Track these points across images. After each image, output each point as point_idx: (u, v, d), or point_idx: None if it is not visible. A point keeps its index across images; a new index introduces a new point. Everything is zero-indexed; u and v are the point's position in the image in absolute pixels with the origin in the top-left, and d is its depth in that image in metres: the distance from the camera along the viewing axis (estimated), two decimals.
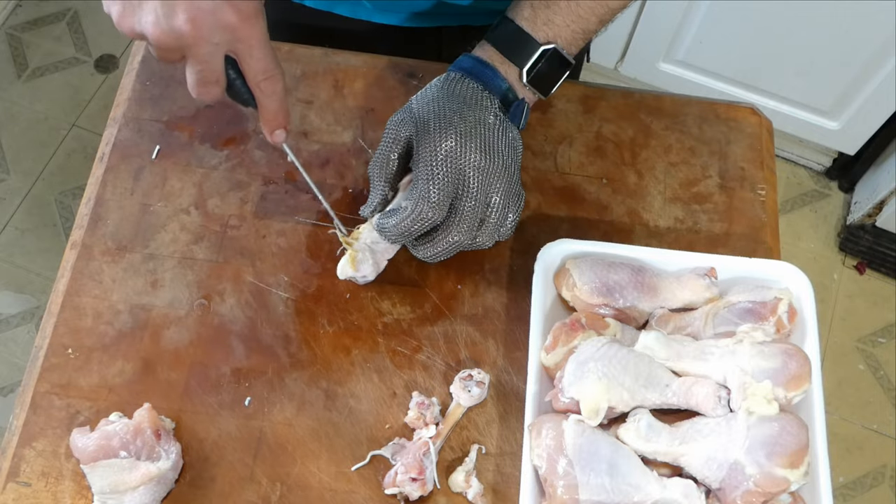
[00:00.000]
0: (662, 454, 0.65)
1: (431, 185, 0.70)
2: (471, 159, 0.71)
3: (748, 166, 0.86)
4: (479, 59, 0.75)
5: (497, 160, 0.72)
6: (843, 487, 1.68)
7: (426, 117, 0.72)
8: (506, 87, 0.75)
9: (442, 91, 0.74)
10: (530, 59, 0.75)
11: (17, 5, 2.13)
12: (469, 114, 0.72)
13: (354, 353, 0.76)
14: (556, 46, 0.74)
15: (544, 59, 0.75)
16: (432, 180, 0.70)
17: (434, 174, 0.70)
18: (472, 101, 0.73)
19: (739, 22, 1.65)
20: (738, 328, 0.69)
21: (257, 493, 0.70)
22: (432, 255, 0.74)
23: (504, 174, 0.72)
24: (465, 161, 0.71)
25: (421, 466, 0.68)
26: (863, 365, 1.80)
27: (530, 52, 0.74)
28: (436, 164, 0.70)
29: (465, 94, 0.74)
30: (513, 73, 0.76)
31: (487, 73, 0.75)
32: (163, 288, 0.78)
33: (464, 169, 0.71)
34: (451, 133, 0.71)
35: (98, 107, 2.02)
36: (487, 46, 0.76)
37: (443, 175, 0.70)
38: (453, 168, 0.70)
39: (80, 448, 0.67)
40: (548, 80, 0.77)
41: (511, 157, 0.73)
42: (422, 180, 0.70)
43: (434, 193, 0.70)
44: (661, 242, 0.81)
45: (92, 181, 0.83)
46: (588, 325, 0.70)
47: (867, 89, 1.67)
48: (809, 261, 1.90)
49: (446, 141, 0.71)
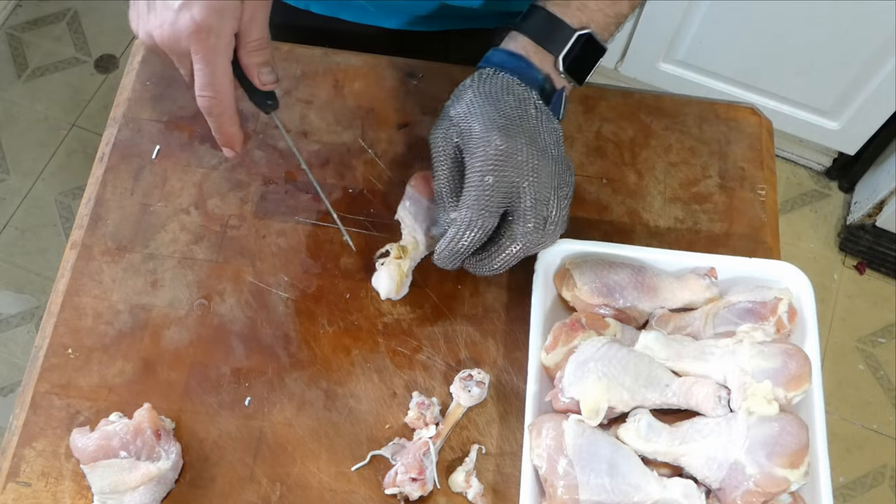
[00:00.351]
0: (662, 454, 0.65)
1: (479, 191, 0.67)
2: (520, 158, 0.67)
3: (748, 166, 0.86)
4: (511, 52, 0.72)
5: (546, 155, 0.69)
6: (843, 487, 1.68)
7: (467, 121, 0.69)
8: (542, 77, 0.72)
9: (477, 91, 0.70)
10: (566, 46, 0.71)
11: (17, 5, 2.13)
12: (509, 110, 0.69)
13: (354, 353, 0.76)
14: (591, 31, 0.72)
15: (579, 45, 0.72)
16: (480, 187, 0.67)
17: (483, 180, 0.67)
18: (510, 96, 0.70)
19: (739, 22, 1.65)
20: (738, 328, 0.69)
21: (257, 493, 0.70)
22: (491, 269, 0.70)
23: (555, 168, 0.69)
24: (515, 161, 0.67)
25: (421, 466, 0.68)
26: (863, 365, 1.80)
27: (565, 38, 0.71)
28: (485, 168, 0.67)
29: (502, 90, 0.70)
30: (548, 61, 0.72)
31: (521, 65, 0.71)
32: (163, 288, 0.78)
33: (516, 169, 0.67)
34: (495, 133, 0.67)
35: (98, 107, 2.02)
36: (519, 37, 0.73)
37: (493, 180, 0.67)
38: (504, 170, 0.67)
39: (80, 448, 0.67)
40: (583, 67, 0.73)
41: (557, 150, 0.70)
42: (471, 188, 0.67)
43: (483, 200, 0.67)
44: (661, 242, 0.81)
45: (92, 181, 0.83)
46: (588, 325, 0.70)
47: (867, 89, 1.67)
48: (809, 261, 1.90)
49: (493, 142, 0.67)
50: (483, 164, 0.67)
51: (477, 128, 0.68)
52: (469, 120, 0.69)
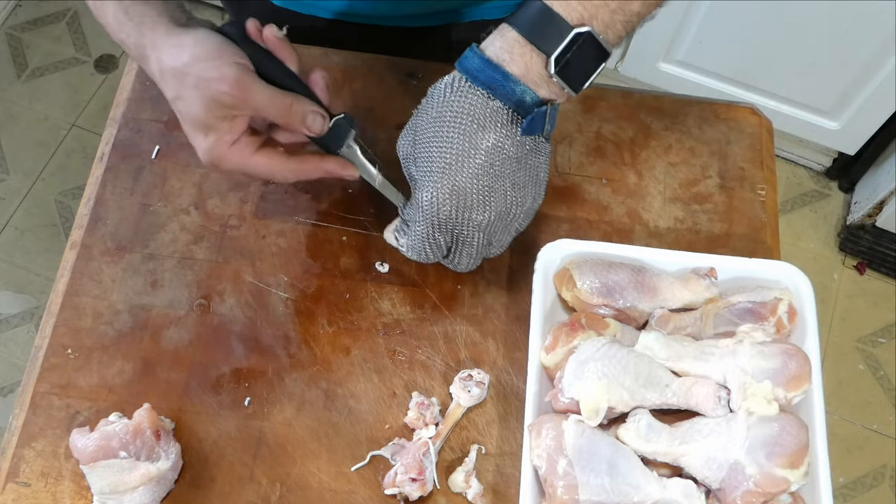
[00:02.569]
0: (662, 454, 0.65)
1: (422, 238, 0.69)
2: (467, 217, 0.67)
3: (748, 166, 0.86)
4: (487, 60, 0.63)
5: (497, 205, 0.67)
6: (843, 487, 1.68)
7: (423, 148, 0.66)
8: (520, 91, 0.63)
9: (443, 109, 0.65)
10: (560, 45, 0.62)
11: (17, 5, 2.14)
12: (469, 146, 0.64)
13: (354, 353, 0.75)
14: (591, 30, 0.62)
15: (577, 46, 0.62)
16: (422, 225, 0.68)
17: (425, 230, 0.68)
18: (476, 122, 0.64)
19: (739, 22, 1.65)
20: (738, 328, 0.69)
21: (257, 493, 0.70)
22: (459, 269, 0.74)
23: (506, 201, 0.67)
24: (459, 218, 0.67)
25: (421, 467, 0.68)
26: (863, 365, 1.80)
27: (560, 35, 0.62)
28: (426, 217, 0.67)
29: (470, 111, 0.64)
30: (536, 63, 0.63)
31: (496, 78, 0.63)
32: (162, 288, 0.78)
33: (459, 224, 0.68)
34: (442, 184, 0.65)
35: (98, 107, 2.02)
36: (507, 31, 0.63)
37: (429, 227, 0.68)
38: (446, 222, 0.67)
39: (80, 448, 0.67)
40: (580, 72, 0.63)
41: (517, 176, 0.66)
42: (417, 223, 0.69)
43: (426, 246, 0.70)
44: (661, 242, 0.81)
45: (92, 181, 0.83)
46: (588, 325, 0.70)
47: (867, 89, 1.67)
48: (809, 261, 1.90)
49: (432, 194, 0.66)
50: (423, 210, 0.67)
51: (425, 166, 0.66)
52: (426, 148, 0.66)
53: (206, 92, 0.64)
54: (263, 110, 0.67)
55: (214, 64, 0.64)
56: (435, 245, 0.70)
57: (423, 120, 0.66)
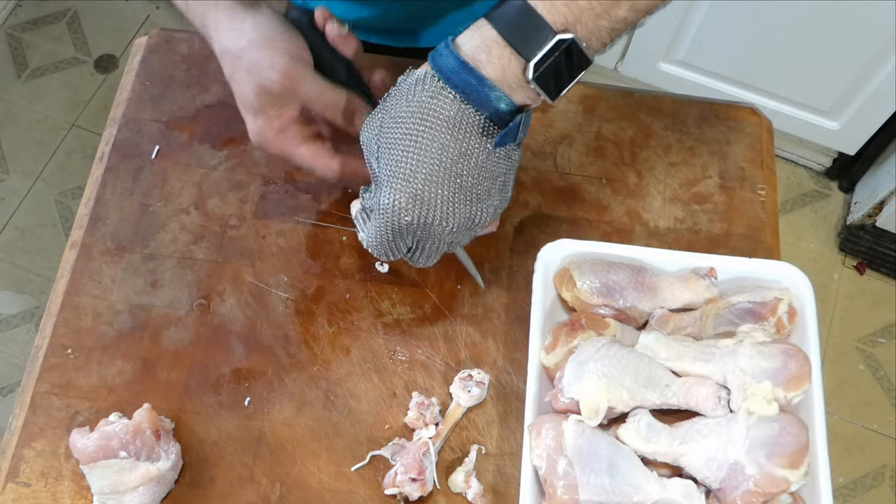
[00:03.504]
0: (662, 454, 0.65)
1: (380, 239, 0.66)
2: (429, 225, 0.63)
3: (748, 166, 0.86)
4: (463, 63, 0.59)
5: (463, 206, 0.63)
6: (843, 487, 1.68)
7: (387, 146, 0.62)
8: (495, 98, 0.60)
9: (412, 107, 0.61)
10: (541, 50, 0.58)
11: (17, 5, 2.14)
12: (437, 152, 0.61)
13: (354, 353, 0.75)
14: (575, 38, 0.58)
15: (558, 52, 0.58)
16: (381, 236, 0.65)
17: (384, 233, 0.65)
18: (448, 126, 0.60)
19: (739, 22, 1.65)
20: (738, 328, 0.69)
21: (257, 493, 0.70)
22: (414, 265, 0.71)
23: (474, 223, 0.65)
24: (420, 225, 0.64)
25: (421, 467, 0.68)
26: (863, 365, 1.80)
27: (542, 40, 0.58)
28: (385, 220, 0.64)
29: (441, 115, 0.60)
30: (514, 67, 0.59)
31: (471, 83, 0.59)
32: (162, 288, 0.78)
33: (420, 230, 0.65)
34: (405, 190, 0.61)
35: (98, 107, 2.02)
36: (486, 29, 0.59)
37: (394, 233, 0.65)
38: (406, 228, 0.64)
39: (80, 448, 0.67)
40: (559, 79, 0.60)
41: (488, 187, 0.64)
42: (377, 222, 0.65)
43: (384, 247, 0.67)
44: (661, 242, 0.81)
45: (92, 181, 0.83)
46: (588, 325, 0.70)
47: (867, 89, 1.67)
48: (809, 261, 1.90)
49: (394, 198, 0.62)
50: (384, 211, 0.63)
51: (390, 166, 0.62)
52: (390, 145, 0.62)
53: (257, 78, 0.66)
54: (311, 103, 0.68)
55: (268, 52, 0.66)
56: (394, 247, 0.67)
57: (391, 115, 0.62)
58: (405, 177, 0.61)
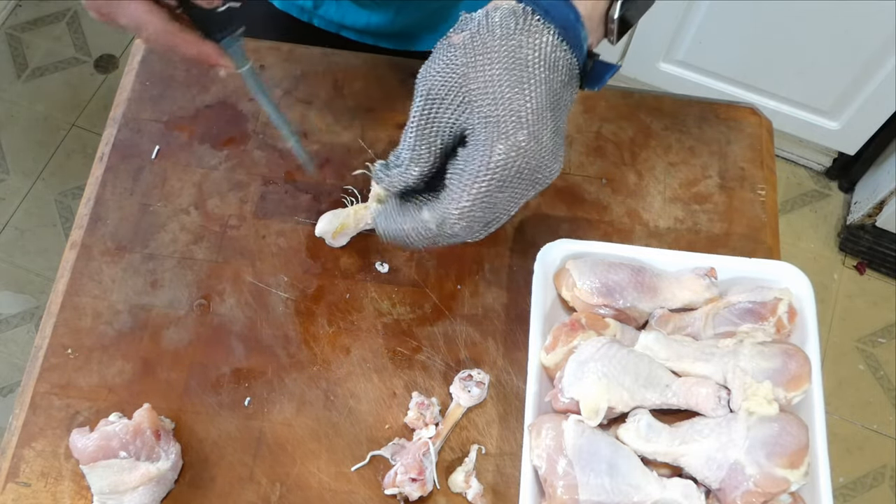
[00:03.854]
0: (662, 454, 0.65)
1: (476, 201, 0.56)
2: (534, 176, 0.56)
3: (748, 166, 0.86)
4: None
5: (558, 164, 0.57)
6: (843, 487, 1.68)
7: (485, 91, 0.54)
8: (583, 38, 0.55)
9: (512, 47, 0.53)
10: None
11: (17, 5, 2.14)
12: (548, 97, 0.54)
13: (354, 353, 0.75)
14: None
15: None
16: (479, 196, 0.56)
17: (486, 190, 0.55)
18: (553, 68, 0.54)
19: (739, 22, 1.65)
20: (738, 328, 0.69)
21: (257, 493, 0.70)
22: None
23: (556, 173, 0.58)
24: (526, 177, 0.56)
25: (421, 467, 0.68)
26: (863, 365, 1.80)
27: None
28: (493, 174, 0.55)
29: (544, 56, 0.53)
30: (601, 4, 0.55)
31: (570, 19, 0.54)
32: (162, 288, 0.78)
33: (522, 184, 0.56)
34: (521, 130, 0.54)
35: (98, 107, 2.02)
36: None
37: (497, 188, 0.56)
38: (513, 180, 0.56)
39: (80, 448, 0.67)
40: (631, 17, 0.57)
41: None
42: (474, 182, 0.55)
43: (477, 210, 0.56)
44: (661, 242, 0.81)
45: (92, 181, 0.83)
46: (588, 325, 0.70)
47: (867, 89, 1.67)
48: (809, 261, 1.90)
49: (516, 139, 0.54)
50: (489, 168, 0.55)
51: (480, 115, 0.54)
52: (475, 94, 0.54)
53: None
54: None
55: None
56: (488, 208, 0.56)
57: (482, 57, 0.54)
58: (518, 123, 0.54)
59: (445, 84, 0.55)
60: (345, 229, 0.78)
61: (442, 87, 0.56)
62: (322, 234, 0.78)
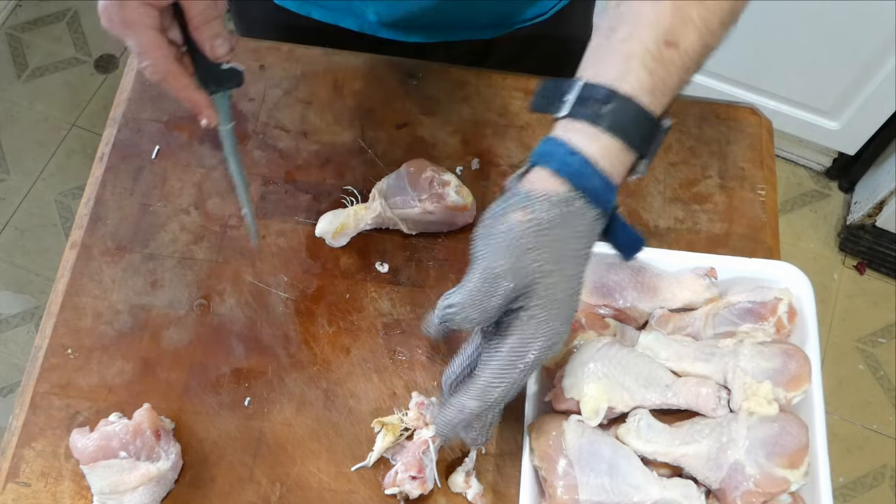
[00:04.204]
0: (662, 454, 0.65)
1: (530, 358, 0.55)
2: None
3: (748, 166, 0.86)
4: (598, 173, 0.54)
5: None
6: (843, 487, 1.68)
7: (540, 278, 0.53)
8: (613, 198, 0.56)
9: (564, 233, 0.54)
10: (652, 143, 0.56)
11: (17, 5, 2.14)
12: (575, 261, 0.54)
13: (354, 353, 0.75)
14: (668, 122, 0.57)
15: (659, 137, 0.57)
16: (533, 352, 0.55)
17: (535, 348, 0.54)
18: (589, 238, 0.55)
19: (740, 22, 1.65)
20: (738, 328, 0.69)
21: (257, 493, 0.70)
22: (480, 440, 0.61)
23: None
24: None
25: (421, 465, 0.68)
26: (863, 365, 1.80)
27: (653, 135, 0.56)
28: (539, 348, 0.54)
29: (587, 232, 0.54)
30: (627, 161, 0.56)
31: (599, 187, 0.54)
32: (162, 288, 0.78)
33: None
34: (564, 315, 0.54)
35: (98, 107, 2.02)
36: (604, 137, 0.54)
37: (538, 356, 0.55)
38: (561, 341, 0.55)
39: (80, 448, 0.67)
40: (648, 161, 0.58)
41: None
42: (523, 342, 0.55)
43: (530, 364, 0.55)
44: (661, 242, 0.81)
45: (92, 181, 0.83)
46: (588, 325, 0.70)
47: (867, 89, 1.67)
48: (809, 261, 1.90)
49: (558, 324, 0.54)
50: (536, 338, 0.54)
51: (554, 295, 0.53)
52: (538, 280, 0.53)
53: None
54: None
55: None
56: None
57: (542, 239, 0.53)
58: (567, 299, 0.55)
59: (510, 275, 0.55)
60: (345, 229, 0.78)
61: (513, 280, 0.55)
62: (322, 234, 0.78)
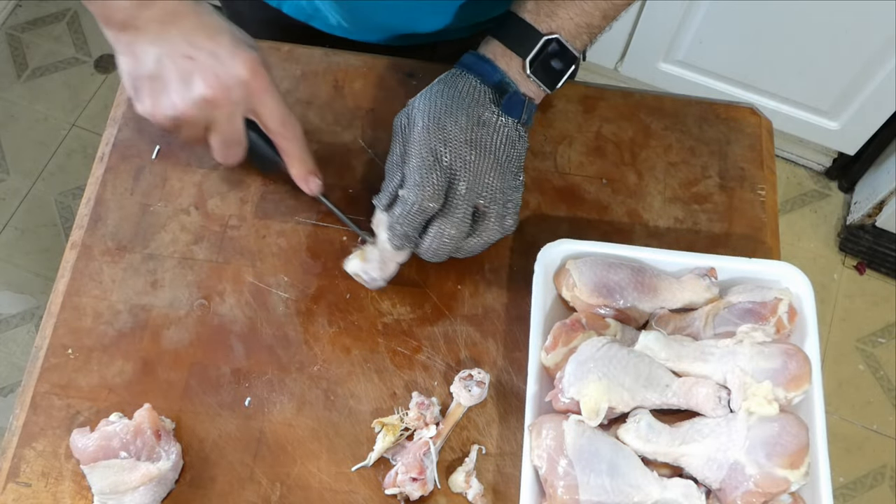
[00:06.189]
0: (662, 454, 0.65)
1: (424, 173, 0.71)
2: (459, 154, 0.71)
3: (748, 166, 0.86)
4: (479, 55, 0.76)
5: (487, 156, 0.72)
6: (843, 487, 1.68)
7: (421, 114, 0.73)
8: (499, 78, 0.75)
9: (439, 88, 0.75)
10: (533, 50, 0.75)
11: (17, 5, 2.13)
12: (461, 111, 0.73)
13: (354, 353, 0.76)
14: (559, 37, 0.74)
15: (547, 50, 0.75)
16: (423, 169, 0.71)
17: (423, 166, 0.71)
18: (468, 97, 0.74)
19: (739, 22, 1.65)
20: (738, 328, 0.69)
21: (257, 494, 0.70)
22: (428, 248, 0.73)
23: (496, 170, 0.73)
24: (453, 157, 0.71)
25: (421, 466, 0.68)
26: (863, 365, 1.80)
27: (532, 42, 0.75)
28: (425, 160, 0.71)
29: (462, 91, 0.74)
30: (515, 64, 0.76)
31: (486, 68, 0.75)
32: (163, 288, 0.78)
33: (452, 164, 0.71)
34: (440, 131, 0.72)
35: (98, 107, 2.02)
36: (491, 41, 0.77)
37: (432, 168, 0.71)
38: (441, 163, 0.71)
39: (80, 448, 0.67)
40: (553, 73, 0.76)
41: (506, 154, 0.74)
42: (415, 171, 0.71)
43: (427, 182, 0.70)
44: (661, 242, 0.81)
45: (92, 181, 0.83)
46: (588, 325, 0.70)
47: (867, 89, 1.67)
48: (809, 261, 1.90)
49: (435, 138, 0.72)
50: (422, 158, 0.71)
51: (426, 121, 0.72)
52: (423, 114, 0.73)
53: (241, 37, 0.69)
54: (268, 103, 0.70)
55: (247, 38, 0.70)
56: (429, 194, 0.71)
57: (425, 96, 0.75)
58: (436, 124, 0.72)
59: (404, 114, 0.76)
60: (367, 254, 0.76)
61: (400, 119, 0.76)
62: (353, 270, 0.76)
